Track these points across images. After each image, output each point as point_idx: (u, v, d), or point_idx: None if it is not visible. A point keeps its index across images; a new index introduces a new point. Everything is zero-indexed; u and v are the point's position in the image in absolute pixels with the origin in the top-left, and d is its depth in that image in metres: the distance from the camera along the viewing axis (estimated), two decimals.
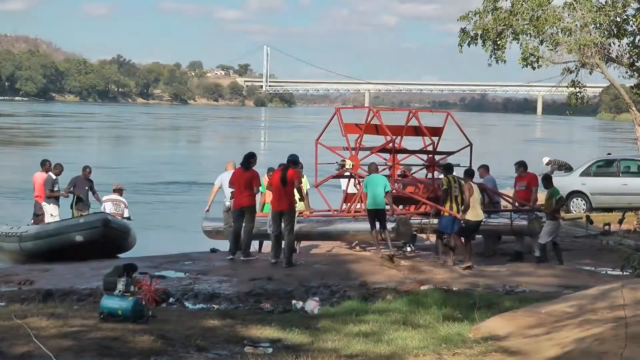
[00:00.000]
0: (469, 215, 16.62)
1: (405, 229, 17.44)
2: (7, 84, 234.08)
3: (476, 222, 16.87)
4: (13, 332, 8.44)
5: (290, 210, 16.39)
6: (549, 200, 17.64)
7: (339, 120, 19.72)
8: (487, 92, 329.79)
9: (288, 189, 16.32)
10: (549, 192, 17.86)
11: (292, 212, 16.45)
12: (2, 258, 20.08)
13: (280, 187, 16.28)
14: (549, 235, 17.29)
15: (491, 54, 19.98)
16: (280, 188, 16.28)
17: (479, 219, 16.88)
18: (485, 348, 8.33)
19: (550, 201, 17.59)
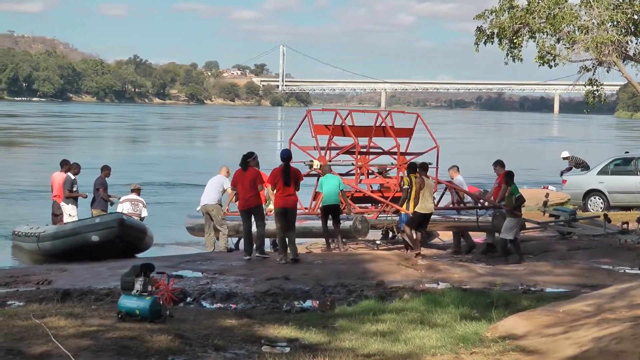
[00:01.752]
0: (418, 207, 17.52)
1: (363, 227, 18.57)
2: (25, 84, 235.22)
3: (424, 214, 17.72)
4: (32, 332, 8.48)
5: (295, 208, 16.77)
6: (508, 197, 18.26)
7: (309, 122, 20.71)
8: (503, 91, 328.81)
9: (292, 186, 16.50)
10: (509, 189, 18.43)
11: (296, 210, 16.89)
12: (22, 258, 20.22)
13: (284, 186, 16.41)
14: (509, 231, 17.93)
15: (507, 52, 19.88)
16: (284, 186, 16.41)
17: (427, 212, 17.77)
18: (502, 347, 8.31)
19: (510, 198, 18.20)
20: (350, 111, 21.85)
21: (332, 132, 20.68)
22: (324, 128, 21.13)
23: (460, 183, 20.82)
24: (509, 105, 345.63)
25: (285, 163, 16.64)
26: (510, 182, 18.53)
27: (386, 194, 20.41)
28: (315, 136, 20.83)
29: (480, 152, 66.85)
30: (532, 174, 46.80)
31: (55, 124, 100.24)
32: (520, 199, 18.30)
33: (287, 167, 16.58)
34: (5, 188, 34.79)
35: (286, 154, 17.01)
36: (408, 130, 21.52)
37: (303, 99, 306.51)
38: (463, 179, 21.22)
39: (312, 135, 20.91)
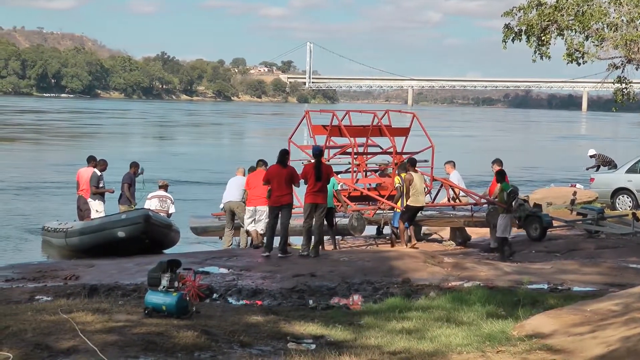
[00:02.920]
0: (409, 201, 18.36)
1: (359, 224, 19.15)
2: (54, 81, 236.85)
3: (415, 207, 18.61)
4: (59, 327, 8.52)
5: (324, 204, 16.88)
6: (500, 194, 18.79)
7: (307, 122, 21.43)
8: (531, 89, 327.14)
9: (323, 182, 16.66)
10: (500, 186, 18.92)
11: (326, 206, 17.05)
12: (51, 253, 20.38)
13: (316, 181, 16.52)
14: (505, 230, 18.51)
15: (535, 49, 19.74)
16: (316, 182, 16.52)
17: (418, 205, 18.64)
18: (529, 346, 8.28)
19: (501, 195, 18.73)
20: (348, 111, 22.60)
21: (329, 133, 21.21)
22: (322, 128, 21.71)
23: (457, 178, 21.47)
24: (536, 102, 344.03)
25: (317, 159, 16.80)
26: (500, 179, 18.98)
27: (382, 192, 20.87)
28: (314, 136, 21.48)
29: (499, 150, 66.61)
30: (558, 173, 46.65)
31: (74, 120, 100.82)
32: (513, 193, 18.82)
33: (319, 163, 16.75)
34: (31, 184, 35.04)
35: (318, 150, 17.21)
36: (404, 130, 22.27)
37: (330, 95, 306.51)
38: (459, 174, 21.83)
39: (310, 135, 21.65)
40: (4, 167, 42.00)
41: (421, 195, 18.77)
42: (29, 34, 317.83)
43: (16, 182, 35.66)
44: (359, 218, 19.18)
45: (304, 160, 20.70)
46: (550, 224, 20.55)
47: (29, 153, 53.84)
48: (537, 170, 48.50)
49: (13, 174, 38.94)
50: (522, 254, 18.87)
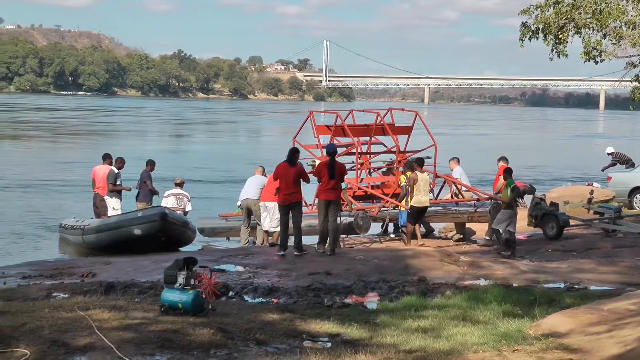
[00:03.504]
0: (413, 201, 18.70)
1: (364, 222, 19.43)
2: (71, 79, 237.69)
3: (419, 208, 18.95)
4: (76, 324, 8.55)
5: (338, 200, 17.04)
6: (505, 190, 19.04)
7: (311, 122, 21.70)
8: (548, 87, 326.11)
9: (337, 180, 16.79)
10: (505, 183, 19.22)
11: (339, 203, 17.26)
12: (68, 250, 20.45)
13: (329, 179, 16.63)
14: (503, 222, 18.78)
15: (552, 48, 19.68)
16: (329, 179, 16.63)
17: (422, 205, 18.99)
18: (545, 345, 8.25)
19: (506, 191, 18.97)
20: (351, 111, 23.06)
21: (333, 133, 21.47)
22: (326, 128, 22.12)
23: (459, 173, 21.86)
24: (553, 101, 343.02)
25: (331, 157, 16.90)
26: (507, 177, 19.23)
27: (386, 191, 21.21)
28: (318, 136, 21.77)
29: (511, 148, 66.47)
30: (575, 171, 46.51)
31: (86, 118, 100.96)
32: (515, 190, 18.99)
33: (333, 161, 16.87)
34: (44, 182, 35.18)
35: (332, 148, 17.35)
36: (407, 128, 22.59)
37: (346, 94, 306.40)
38: (462, 170, 22.20)
39: (315, 135, 21.83)
40: (17, 165, 42.20)
41: (424, 195, 19.09)
42: (47, 32, 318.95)
43: (29, 179, 35.79)
44: (364, 217, 19.47)
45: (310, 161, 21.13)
46: (567, 222, 20.50)
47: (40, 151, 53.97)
48: (553, 169, 48.36)
49: (25, 171, 39.09)
50: (539, 253, 18.84)
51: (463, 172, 22.17)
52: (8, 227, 23.69)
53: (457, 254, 17.14)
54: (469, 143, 66.52)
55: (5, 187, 32.84)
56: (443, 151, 21.93)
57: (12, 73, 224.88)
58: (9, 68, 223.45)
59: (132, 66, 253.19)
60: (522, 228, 21.76)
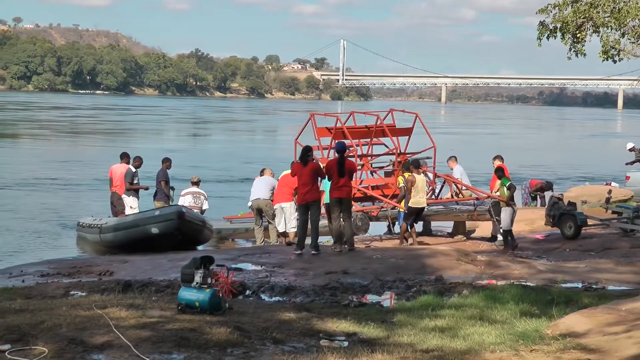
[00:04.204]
0: (410, 202, 18.85)
1: (363, 223, 19.85)
2: (89, 77, 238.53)
3: (417, 208, 19.10)
4: (94, 322, 8.58)
5: (349, 198, 17.16)
6: (501, 188, 19.44)
7: (312, 125, 22.25)
8: (566, 86, 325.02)
9: (347, 178, 16.91)
10: (500, 181, 19.62)
11: (350, 200, 17.40)
12: (86, 249, 20.52)
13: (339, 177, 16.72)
14: (508, 221, 19.15)
15: (570, 47, 19.61)
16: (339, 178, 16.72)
17: (420, 206, 19.13)
18: (563, 345, 8.22)
19: (502, 189, 19.38)
20: (352, 113, 23.52)
21: (334, 136, 21.67)
22: (326, 131, 22.41)
23: (459, 172, 22.29)
24: (571, 100, 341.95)
25: (341, 155, 16.94)
26: (500, 175, 19.67)
27: (386, 192, 21.46)
28: (318, 138, 22.22)
29: (523, 148, 66.39)
30: (591, 170, 46.35)
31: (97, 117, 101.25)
32: (512, 187, 19.39)
33: (342, 159, 16.91)
34: (63, 180, 35.33)
35: (341, 146, 17.38)
36: (407, 130, 23.02)
37: (363, 93, 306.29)
38: (462, 169, 22.64)
39: (315, 137, 22.27)
40: (29, 164, 42.39)
41: (423, 196, 19.28)
42: (65, 31, 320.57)
43: (38, 178, 35.94)
44: (362, 218, 19.87)
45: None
46: (584, 222, 20.42)
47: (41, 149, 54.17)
48: (570, 168, 48.22)
49: (36, 169, 39.25)
50: (556, 253, 18.77)
51: (463, 171, 22.62)
52: (26, 225, 23.82)
53: (474, 253, 17.11)
54: (481, 142, 66.45)
55: (15, 186, 32.96)
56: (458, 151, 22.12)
57: (31, 72, 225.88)
58: (27, 67, 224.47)
59: (150, 65, 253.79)
60: (540, 227, 21.72)
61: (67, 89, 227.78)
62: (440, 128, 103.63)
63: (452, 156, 22.98)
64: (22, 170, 38.79)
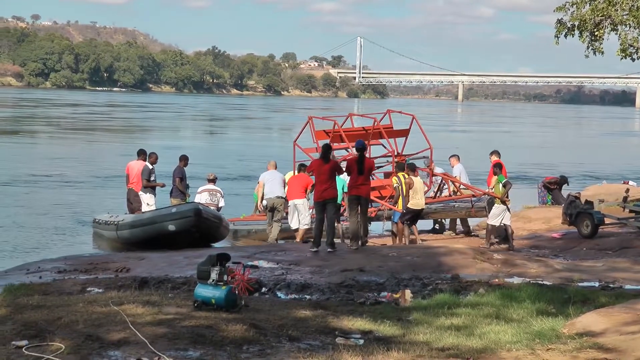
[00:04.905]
0: (410, 204, 19.06)
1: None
2: (106, 75, 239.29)
3: (416, 210, 19.29)
4: (110, 319, 8.61)
5: (367, 197, 17.38)
6: (497, 185, 19.72)
7: (310, 128, 22.78)
8: (583, 84, 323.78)
9: (366, 175, 17.12)
10: (495, 178, 19.85)
11: (368, 198, 17.60)
12: (102, 245, 20.58)
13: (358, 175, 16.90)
14: (497, 217, 19.46)
15: (588, 45, 19.51)
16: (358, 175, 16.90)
17: (418, 208, 19.32)
18: (579, 344, 8.19)
19: (497, 186, 19.64)
20: (350, 114, 24.21)
21: (331, 139, 22.26)
22: (324, 134, 22.97)
23: (460, 171, 22.74)
24: (589, 98, 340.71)
25: (360, 153, 17.13)
26: (496, 171, 19.91)
27: (383, 192, 21.95)
28: (317, 141, 22.62)
29: (532, 146, 66.21)
30: (609, 169, 46.18)
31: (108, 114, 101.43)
32: (507, 184, 19.58)
33: (362, 157, 17.10)
34: (77, 177, 35.45)
35: (361, 144, 17.50)
36: (404, 131, 23.52)
37: (380, 90, 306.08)
38: (463, 167, 23.05)
39: (314, 140, 22.82)
40: (36, 160, 42.58)
41: (421, 197, 19.54)
42: (83, 29, 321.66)
43: (54, 174, 36.10)
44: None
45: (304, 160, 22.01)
46: (601, 221, 20.34)
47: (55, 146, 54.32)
48: (588, 167, 48.05)
49: (45, 166, 39.43)
50: (573, 251, 18.72)
51: (463, 169, 23.00)
52: (41, 222, 23.92)
53: (491, 252, 17.08)
54: (493, 140, 66.16)
55: (26, 183, 33.10)
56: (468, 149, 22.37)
57: (49, 69, 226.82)
58: (45, 64, 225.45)
59: (167, 62, 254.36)
60: (557, 226, 21.65)
61: (85, 86, 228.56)
62: (453, 126, 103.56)
63: (454, 154, 23.38)
64: (34, 166, 38.92)
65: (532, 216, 23.94)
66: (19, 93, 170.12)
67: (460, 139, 73.50)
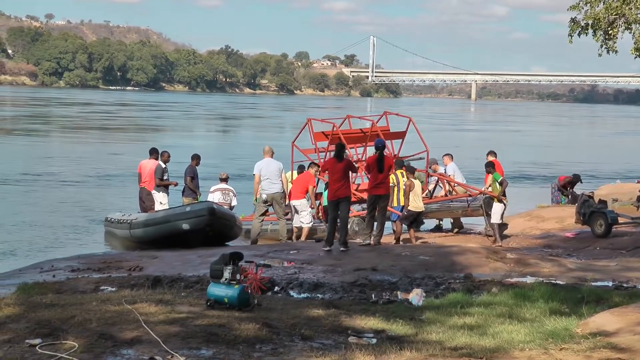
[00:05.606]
0: (410, 206, 19.30)
1: (360, 228, 20.08)
2: (119, 74, 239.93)
3: (415, 212, 19.56)
4: (123, 317, 8.63)
5: (387, 195, 17.60)
6: (493, 184, 20.31)
7: (309, 130, 23.08)
8: (597, 83, 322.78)
9: (385, 174, 17.31)
10: (491, 177, 20.31)
11: (388, 196, 17.83)
12: (113, 244, 20.61)
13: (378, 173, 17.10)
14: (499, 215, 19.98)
15: (602, 44, 19.48)
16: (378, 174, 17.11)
17: (418, 210, 19.61)
18: (593, 344, 8.16)
19: (494, 185, 20.08)
20: (348, 116, 24.45)
21: (330, 141, 22.56)
22: (323, 135, 23.38)
23: (453, 170, 23.07)
24: (602, 97, 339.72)
25: (380, 152, 17.31)
26: (490, 170, 20.48)
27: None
28: (315, 142, 23.20)
29: (540, 145, 66.01)
30: (623, 168, 46.04)
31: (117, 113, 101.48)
32: (503, 182, 20.05)
33: (382, 156, 17.27)
34: (86, 176, 35.53)
35: (381, 143, 17.75)
36: (401, 133, 23.84)
37: (393, 89, 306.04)
38: (456, 166, 23.37)
39: (312, 142, 23.32)
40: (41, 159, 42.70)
41: (419, 200, 19.81)
42: (96, 28, 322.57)
43: (59, 173, 36.19)
44: (359, 222, 20.44)
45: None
46: (615, 220, 20.29)
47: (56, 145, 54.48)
48: (601, 166, 47.92)
49: (51, 165, 39.52)
50: (587, 251, 18.67)
51: (457, 168, 23.26)
52: (53, 220, 24.01)
53: (504, 251, 17.04)
54: (503, 140, 66.06)
55: (32, 181, 33.19)
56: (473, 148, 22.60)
57: (62, 68, 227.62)
58: (59, 63, 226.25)
59: (180, 61, 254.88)
60: (570, 225, 21.61)
61: (98, 85, 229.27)
62: (463, 125, 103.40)
63: (447, 153, 23.65)
64: (44, 166, 39.06)
65: (545, 215, 23.92)
66: (31, 92, 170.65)
67: (470, 138, 73.48)
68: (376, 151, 17.44)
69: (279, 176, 19.70)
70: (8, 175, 34.68)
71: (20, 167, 37.58)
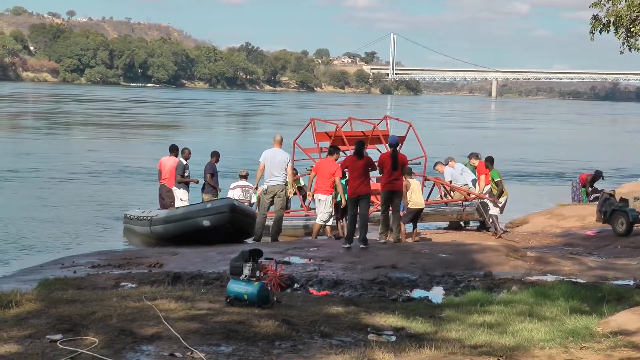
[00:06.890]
0: (410, 204, 19.28)
1: None
2: (140, 71, 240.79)
3: (416, 210, 19.55)
4: (143, 314, 8.65)
5: (400, 191, 17.72)
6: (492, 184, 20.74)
7: (312, 130, 23.23)
8: (619, 81, 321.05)
9: (399, 171, 17.44)
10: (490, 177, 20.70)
11: (401, 192, 17.85)
12: (133, 241, 20.66)
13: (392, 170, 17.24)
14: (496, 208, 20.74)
15: (624, 41, 19.39)
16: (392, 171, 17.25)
17: (419, 207, 19.60)
18: (614, 343, 8.13)
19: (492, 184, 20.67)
20: (350, 118, 24.53)
21: (332, 142, 22.62)
22: (325, 135, 23.65)
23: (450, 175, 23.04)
24: (624, 95, 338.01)
25: (394, 149, 17.53)
26: (490, 166, 20.88)
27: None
28: (317, 142, 23.29)
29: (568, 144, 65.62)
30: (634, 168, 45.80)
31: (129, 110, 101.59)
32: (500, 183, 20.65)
33: (395, 153, 17.44)
34: (102, 172, 35.65)
35: (395, 140, 18.06)
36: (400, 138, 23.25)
37: (413, 87, 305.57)
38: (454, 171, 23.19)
39: (314, 142, 23.35)
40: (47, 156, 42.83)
41: (420, 197, 19.89)
42: (117, 25, 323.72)
43: (74, 169, 36.33)
44: None
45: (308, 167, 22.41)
46: (637, 219, 20.16)
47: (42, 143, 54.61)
48: (623, 164, 47.68)
49: (59, 162, 39.66)
50: (608, 249, 18.59)
51: (455, 171, 23.16)
52: (71, 217, 24.08)
53: (524, 249, 16.99)
54: (525, 137, 65.84)
55: (51, 178, 33.33)
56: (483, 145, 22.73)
57: (84, 65, 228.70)
58: (80, 60, 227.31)
59: (200, 58, 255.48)
60: (591, 224, 21.51)
61: (119, 82, 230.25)
62: (481, 122, 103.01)
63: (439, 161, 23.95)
64: (59, 162, 39.22)
65: (565, 214, 23.82)
66: (51, 89, 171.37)
67: (490, 135, 73.13)
68: (390, 148, 17.80)
69: (283, 168, 19.15)
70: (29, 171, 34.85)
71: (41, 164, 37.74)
